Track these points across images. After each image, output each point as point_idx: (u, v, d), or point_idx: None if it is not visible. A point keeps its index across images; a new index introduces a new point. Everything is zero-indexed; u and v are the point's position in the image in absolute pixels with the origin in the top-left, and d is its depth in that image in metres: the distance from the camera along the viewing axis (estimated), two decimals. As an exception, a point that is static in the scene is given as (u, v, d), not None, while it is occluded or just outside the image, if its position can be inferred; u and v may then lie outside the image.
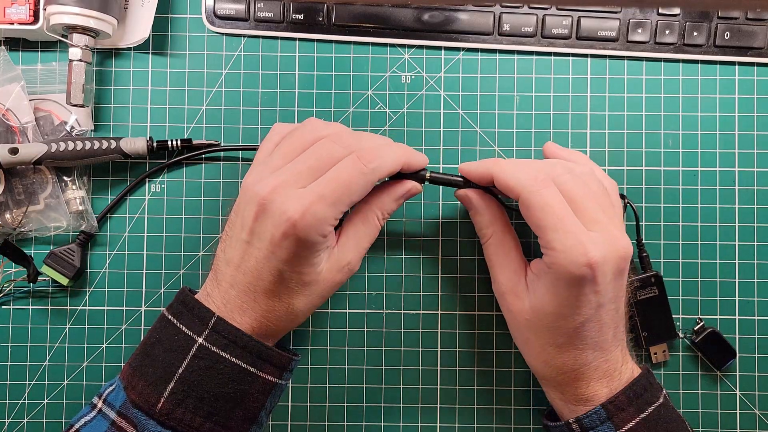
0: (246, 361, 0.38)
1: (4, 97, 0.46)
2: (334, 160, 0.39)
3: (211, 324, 0.38)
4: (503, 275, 0.43)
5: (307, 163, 0.38)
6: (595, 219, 0.39)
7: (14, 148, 0.43)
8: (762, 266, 0.48)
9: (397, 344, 0.48)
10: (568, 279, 0.38)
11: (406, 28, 0.48)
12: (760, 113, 0.48)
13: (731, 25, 0.47)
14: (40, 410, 0.47)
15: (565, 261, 0.38)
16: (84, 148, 0.45)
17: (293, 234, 0.37)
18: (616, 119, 0.48)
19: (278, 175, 0.38)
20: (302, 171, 0.38)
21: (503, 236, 0.43)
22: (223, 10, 0.47)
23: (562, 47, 0.48)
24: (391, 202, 0.42)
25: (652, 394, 0.40)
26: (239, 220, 0.39)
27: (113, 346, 0.47)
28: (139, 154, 0.46)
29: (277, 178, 0.38)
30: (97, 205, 0.47)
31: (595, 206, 0.39)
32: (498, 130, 0.48)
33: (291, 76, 0.48)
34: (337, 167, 0.38)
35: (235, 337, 0.38)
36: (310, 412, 0.48)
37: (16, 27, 0.46)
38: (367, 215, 0.42)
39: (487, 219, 0.43)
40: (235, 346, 0.38)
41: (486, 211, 0.43)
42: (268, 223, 0.37)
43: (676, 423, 0.40)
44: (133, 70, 0.48)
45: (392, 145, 0.41)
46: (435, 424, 0.48)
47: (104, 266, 0.48)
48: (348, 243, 0.41)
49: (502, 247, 0.43)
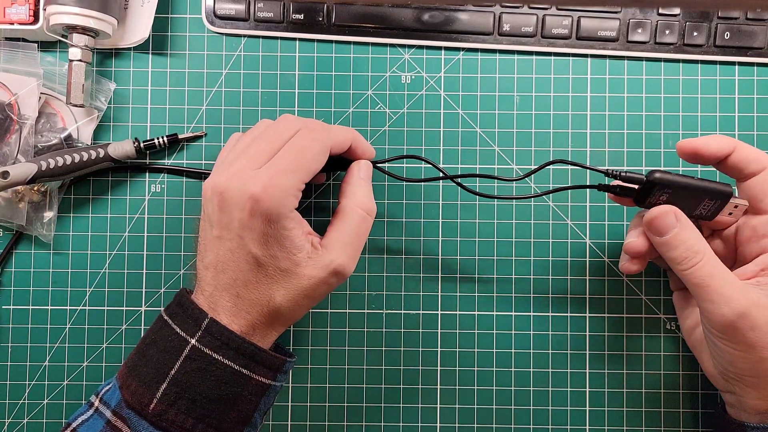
0: (238, 363, 0.38)
1: (19, 85, 0.46)
2: (285, 139, 0.39)
3: (204, 325, 0.38)
4: (737, 291, 0.37)
5: (259, 147, 0.39)
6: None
7: (5, 171, 0.43)
8: (762, 266, 0.48)
9: (397, 344, 0.48)
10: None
11: (406, 28, 0.48)
12: (760, 113, 0.48)
13: (731, 25, 0.47)
14: (40, 410, 0.47)
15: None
16: (74, 162, 0.45)
17: (259, 210, 0.37)
18: (616, 119, 0.48)
19: (231, 164, 0.39)
20: (254, 154, 0.39)
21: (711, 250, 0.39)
22: (223, 10, 0.47)
23: (562, 47, 0.48)
24: (358, 186, 0.41)
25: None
26: (206, 221, 0.39)
27: (113, 346, 0.47)
28: (129, 157, 0.46)
29: (231, 167, 0.39)
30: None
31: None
32: (498, 130, 0.48)
33: (291, 76, 0.48)
34: (290, 141, 0.39)
35: (227, 339, 0.38)
36: (310, 412, 0.48)
37: (16, 27, 0.46)
38: (345, 207, 0.41)
39: (697, 234, 0.39)
40: (227, 348, 0.38)
41: (693, 225, 0.39)
42: (232, 208, 0.37)
43: None
44: (133, 70, 0.48)
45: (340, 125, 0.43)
46: (435, 424, 0.48)
47: (104, 266, 0.48)
48: (331, 240, 0.40)
49: (719, 261, 0.39)
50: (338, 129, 0.42)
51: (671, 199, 0.40)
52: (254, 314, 0.39)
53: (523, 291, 0.48)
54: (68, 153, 0.45)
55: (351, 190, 0.41)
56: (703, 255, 0.38)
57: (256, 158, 0.38)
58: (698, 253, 0.38)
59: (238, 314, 0.39)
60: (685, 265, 0.39)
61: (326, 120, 0.48)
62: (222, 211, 0.38)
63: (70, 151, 0.45)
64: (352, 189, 0.41)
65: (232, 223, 0.38)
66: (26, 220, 0.46)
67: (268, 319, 0.39)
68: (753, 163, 0.40)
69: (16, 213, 0.46)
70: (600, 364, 0.48)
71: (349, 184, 0.42)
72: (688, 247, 0.38)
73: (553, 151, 0.48)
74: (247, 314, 0.39)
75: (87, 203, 0.48)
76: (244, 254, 0.38)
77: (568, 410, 0.48)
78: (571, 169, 0.48)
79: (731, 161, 0.40)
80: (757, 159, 0.40)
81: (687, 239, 0.39)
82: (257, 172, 0.38)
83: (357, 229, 0.40)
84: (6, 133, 0.46)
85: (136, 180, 0.48)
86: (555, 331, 0.48)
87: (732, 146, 0.40)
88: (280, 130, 0.40)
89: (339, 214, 0.41)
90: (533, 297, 0.48)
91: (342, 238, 0.40)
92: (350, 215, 0.41)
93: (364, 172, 0.42)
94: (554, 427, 0.48)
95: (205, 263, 0.40)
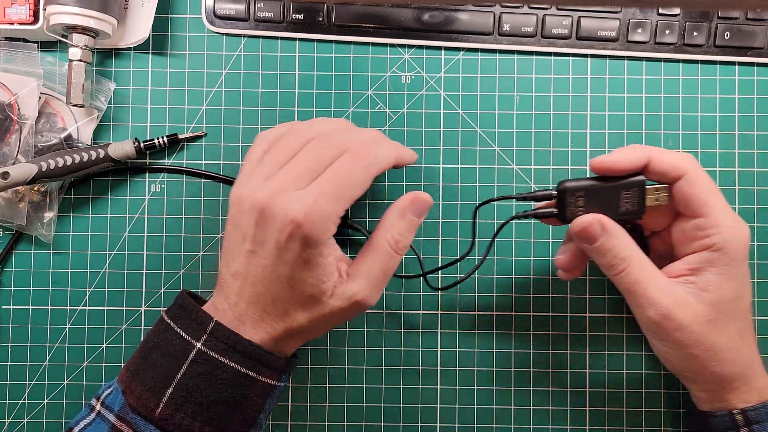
0: (245, 365, 0.38)
1: (19, 85, 0.46)
2: (329, 160, 0.38)
3: (209, 329, 0.38)
4: (661, 293, 0.39)
5: (303, 165, 0.38)
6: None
7: (5, 172, 0.43)
8: (762, 266, 0.48)
9: (397, 344, 0.48)
10: (743, 252, 0.39)
11: (406, 28, 0.48)
12: (760, 113, 0.48)
13: (731, 25, 0.47)
14: (40, 410, 0.47)
15: (740, 234, 0.39)
16: (74, 162, 0.45)
17: (299, 234, 0.36)
18: (616, 119, 0.48)
19: (274, 180, 0.38)
20: (299, 173, 0.38)
21: (641, 253, 0.40)
22: (223, 10, 0.47)
23: (562, 47, 0.48)
24: (397, 219, 0.40)
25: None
26: (238, 232, 0.38)
27: (113, 346, 0.47)
28: (129, 157, 0.46)
29: (273, 184, 0.37)
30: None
31: None
32: (498, 130, 0.48)
33: (291, 76, 0.48)
34: (335, 164, 0.38)
35: (233, 342, 0.38)
36: (310, 412, 0.48)
37: (16, 27, 0.46)
38: (376, 240, 0.39)
39: (624, 239, 0.40)
40: (233, 350, 0.38)
41: (621, 231, 0.40)
42: (271, 228, 0.37)
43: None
44: (133, 70, 0.48)
45: (382, 139, 0.41)
46: (435, 424, 0.48)
47: (104, 266, 0.48)
48: (357, 271, 0.39)
49: (647, 263, 0.40)
50: (384, 149, 0.40)
51: (590, 203, 0.40)
52: (278, 329, 0.39)
53: (523, 291, 0.48)
54: (68, 153, 0.45)
55: (388, 223, 0.40)
56: (630, 261, 0.39)
57: (300, 177, 0.37)
58: (625, 260, 0.39)
59: (262, 328, 0.38)
60: (613, 271, 0.40)
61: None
62: (259, 227, 0.37)
63: (71, 152, 0.45)
64: (390, 222, 0.40)
65: (269, 242, 0.37)
66: (26, 220, 0.46)
67: (289, 334, 0.39)
68: (671, 170, 0.39)
69: (16, 213, 0.46)
70: (600, 363, 0.48)
71: (389, 217, 0.40)
72: (614, 254, 0.39)
73: (553, 151, 0.48)
74: (271, 329, 0.39)
75: (87, 203, 0.48)
76: (276, 274, 0.37)
77: (568, 410, 0.48)
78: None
79: (650, 170, 0.40)
80: (675, 166, 0.39)
81: (613, 247, 0.39)
82: (300, 194, 0.37)
83: (384, 266, 0.39)
84: (6, 133, 0.46)
85: (136, 180, 0.48)
86: (555, 331, 0.48)
87: (646, 158, 0.40)
88: (324, 151, 0.38)
89: (370, 246, 0.40)
90: (533, 297, 0.48)
91: (368, 271, 0.39)
92: (379, 251, 0.39)
93: (411, 208, 0.40)
94: (554, 427, 0.48)
95: (231, 270, 0.39)
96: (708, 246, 0.39)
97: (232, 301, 0.39)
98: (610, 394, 0.48)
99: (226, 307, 0.39)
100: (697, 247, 0.40)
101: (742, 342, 0.40)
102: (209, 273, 0.48)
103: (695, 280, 0.39)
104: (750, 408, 0.40)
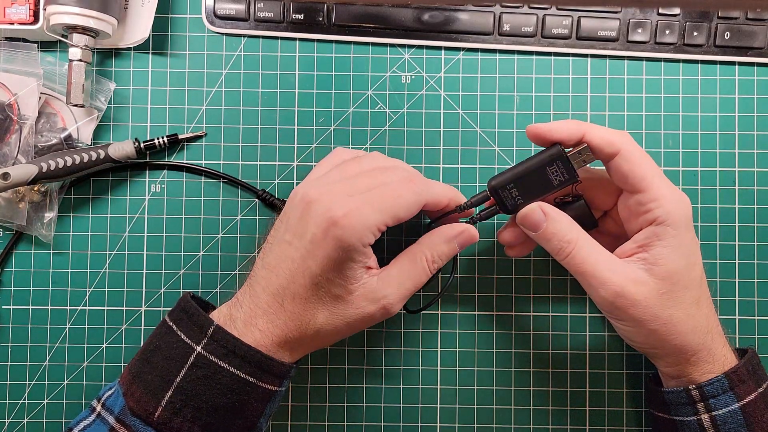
0: (245, 371, 0.38)
1: (19, 85, 0.46)
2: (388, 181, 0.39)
3: (209, 332, 0.38)
4: (611, 272, 0.39)
5: (363, 181, 0.39)
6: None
7: (5, 173, 0.43)
8: (762, 266, 0.48)
9: (397, 344, 0.48)
10: (686, 222, 0.39)
11: (406, 28, 0.48)
12: (760, 113, 0.48)
13: (731, 25, 0.47)
14: (40, 410, 0.47)
15: (680, 203, 0.39)
16: (74, 163, 0.45)
17: (332, 233, 0.37)
18: (616, 119, 0.48)
19: (331, 183, 0.39)
20: (356, 184, 0.39)
21: (586, 235, 0.41)
22: (223, 10, 0.47)
23: (562, 47, 0.48)
24: (441, 242, 0.41)
25: (763, 372, 0.41)
26: (283, 224, 0.39)
27: (113, 346, 0.47)
28: (129, 157, 0.46)
29: (329, 186, 0.38)
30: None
31: None
32: (498, 130, 0.48)
33: (291, 76, 0.48)
34: (390, 182, 0.39)
35: (234, 347, 0.38)
36: (310, 412, 0.48)
37: (16, 27, 0.46)
38: (415, 254, 0.40)
39: (567, 223, 0.40)
40: (233, 355, 0.38)
41: (563, 216, 0.41)
42: (310, 221, 0.37)
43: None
44: (133, 70, 0.48)
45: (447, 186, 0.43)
46: (435, 424, 0.48)
47: (104, 266, 0.48)
48: (389, 277, 0.40)
49: (594, 245, 0.40)
50: (439, 186, 0.41)
51: (522, 191, 0.41)
52: (291, 328, 0.38)
53: (523, 291, 0.48)
54: (69, 154, 0.45)
55: (432, 243, 0.41)
56: (575, 243, 0.40)
57: (354, 187, 0.38)
58: (570, 242, 0.40)
59: (275, 322, 0.38)
60: (561, 255, 0.40)
61: (326, 120, 0.48)
62: (301, 219, 0.38)
63: (71, 152, 0.45)
64: (435, 242, 0.41)
65: (306, 234, 0.38)
66: (26, 221, 0.46)
67: (301, 336, 0.39)
68: (606, 146, 0.39)
69: (17, 213, 0.46)
70: (600, 363, 0.48)
71: (435, 236, 0.41)
72: (559, 238, 0.40)
73: (553, 151, 0.48)
74: (284, 326, 0.38)
75: (87, 203, 0.48)
76: (304, 267, 0.38)
77: (568, 410, 0.48)
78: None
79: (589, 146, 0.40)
80: (610, 142, 0.39)
81: (558, 231, 0.40)
82: (347, 199, 0.38)
83: (416, 281, 0.40)
84: (6, 133, 0.46)
85: (136, 180, 0.48)
86: (555, 331, 0.48)
87: (580, 133, 0.40)
88: (388, 175, 0.39)
89: (407, 255, 0.40)
90: (533, 297, 0.48)
91: (400, 281, 0.40)
92: (416, 265, 0.40)
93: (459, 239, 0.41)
94: (554, 427, 0.48)
95: (265, 262, 0.39)
96: (651, 220, 0.39)
97: (256, 291, 0.39)
98: (610, 394, 0.48)
99: (245, 298, 0.39)
100: (642, 222, 0.40)
101: (699, 311, 0.40)
102: (209, 273, 0.48)
103: (645, 256, 0.40)
104: (705, 383, 0.40)
